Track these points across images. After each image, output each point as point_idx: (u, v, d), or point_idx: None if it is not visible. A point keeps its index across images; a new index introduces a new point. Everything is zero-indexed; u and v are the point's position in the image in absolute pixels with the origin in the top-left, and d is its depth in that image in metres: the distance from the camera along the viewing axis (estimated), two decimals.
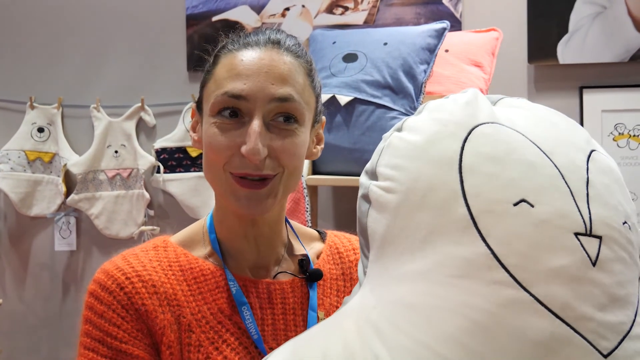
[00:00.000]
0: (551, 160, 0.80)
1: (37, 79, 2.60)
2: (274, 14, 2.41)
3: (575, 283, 0.75)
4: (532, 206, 0.76)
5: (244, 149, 0.93)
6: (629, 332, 0.78)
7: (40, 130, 2.54)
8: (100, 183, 2.51)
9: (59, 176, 2.53)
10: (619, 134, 2.26)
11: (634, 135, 2.24)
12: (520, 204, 0.76)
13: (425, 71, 2.00)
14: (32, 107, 2.54)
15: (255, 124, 0.93)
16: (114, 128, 2.51)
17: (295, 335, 1.00)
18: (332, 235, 1.15)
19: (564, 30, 2.24)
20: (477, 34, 2.22)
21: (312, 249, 1.11)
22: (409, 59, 1.99)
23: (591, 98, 2.28)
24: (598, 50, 2.24)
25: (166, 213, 2.55)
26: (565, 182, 0.79)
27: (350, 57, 2.04)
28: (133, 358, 0.96)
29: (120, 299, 0.98)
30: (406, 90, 1.97)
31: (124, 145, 2.51)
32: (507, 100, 0.91)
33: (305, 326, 1.04)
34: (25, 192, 2.53)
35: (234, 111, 0.96)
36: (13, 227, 2.62)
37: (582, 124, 2.26)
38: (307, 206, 2.00)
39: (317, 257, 1.10)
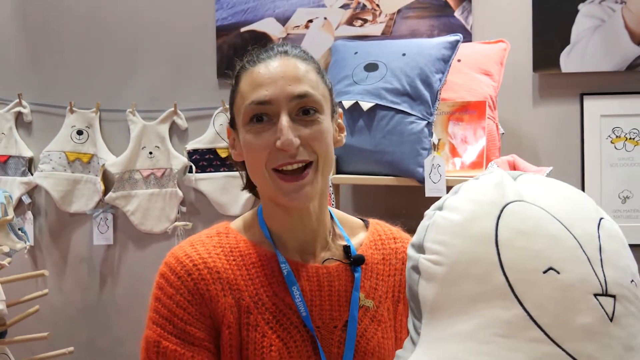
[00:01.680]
0: (571, 233, 0.88)
1: (77, 85, 2.64)
2: (298, 26, 2.46)
3: (597, 337, 0.84)
4: (559, 273, 0.85)
5: (278, 142, 1.02)
6: None
7: (80, 132, 2.60)
8: (136, 182, 2.57)
9: (97, 175, 2.59)
10: (616, 137, 2.32)
11: (630, 138, 2.30)
12: (548, 271, 0.85)
13: (440, 80, 2.10)
14: (72, 112, 2.60)
15: (284, 119, 1.03)
16: (149, 131, 2.56)
17: (339, 315, 1.10)
18: (375, 223, 1.23)
19: (566, 41, 2.29)
20: (487, 45, 2.29)
21: (356, 236, 1.19)
22: (425, 68, 2.08)
23: (591, 104, 2.33)
24: (597, 60, 2.29)
25: (197, 210, 2.60)
26: (584, 251, 0.87)
27: (371, 67, 2.13)
28: (195, 339, 1.05)
29: (188, 284, 1.06)
30: (423, 97, 2.06)
31: (158, 147, 2.57)
32: (525, 176, 0.99)
33: (348, 307, 1.11)
34: (65, 190, 2.59)
35: (259, 116, 1.06)
36: (53, 223, 2.67)
37: (582, 128, 2.33)
38: (333, 202, 2.10)
39: (361, 244, 1.17)
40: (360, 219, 1.24)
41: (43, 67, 2.67)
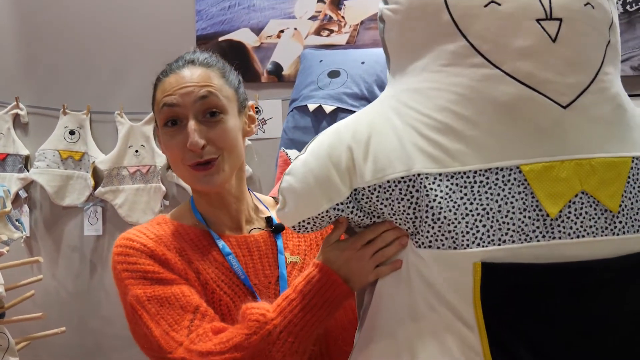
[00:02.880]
0: None
1: (69, 89, 2.70)
2: (271, 35, 2.56)
3: (537, 57, 0.87)
4: (499, 5, 0.89)
5: (188, 144, 1.12)
6: (587, 87, 0.89)
7: (72, 133, 2.66)
8: (123, 178, 2.63)
9: (87, 172, 2.66)
10: None
11: None
12: (489, 5, 0.89)
13: None
14: (65, 113, 2.66)
15: (191, 124, 1.13)
16: (135, 131, 2.63)
17: (270, 272, 1.19)
18: None
19: None
20: None
21: (272, 208, 1.30)
22: (382, 75, 2.16)
23: None
24: None
25: (179, 203, 2.46)
26: None
27: (334, 74, 2.21)
28: (170, 281, 1.11)
29: (146, 251, 1.13)
30: None
31: (144, 146, 2.63)
32: None
33: (277, 267, 1.21)
34: (58, 185, 2.64)
35: (174, 120, 1.15)
36: (48, 215, 2.73)
37: None
38: None
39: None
40: (272, 197, 1.36)
41: (38, 73, 2.73)
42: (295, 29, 2.57)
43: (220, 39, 2.59)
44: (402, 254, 0.97)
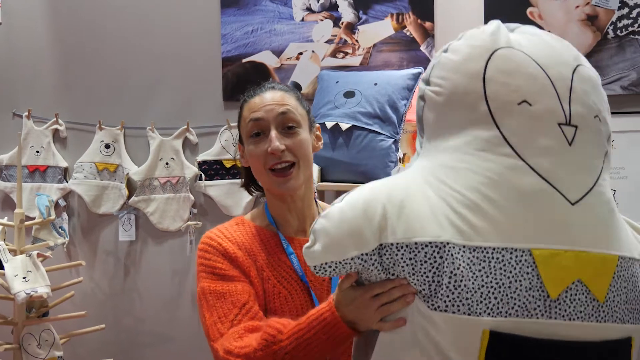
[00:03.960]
0: (546, 74, 0.97)
1: (105, 106, 2.79)
2: (290, 57, 2.64)
3: (556, 156, 0.94)
4: (531, 105, 0.95)
5: (269, 148, 1.30)
6: (590, 189, 0.96)
7: (107, 146, 2.75)
8: (155, 188, 2.70)
9: (122, 182, 2.73)
10: None
11: None
12: (522, 103, 0.95)
13: (405, 105, 2.28)
14: (101, 129, 2.75)
15: (273, 133, 1.32)
16: (165, 145, 2.70)
17: None
18: None
19: None
20: None
21: None
22: (393, 96, 2.27)
23: None
24: None
25: (206, 211, 2.74)
26: (555, 88, 0.96)
27: (349, 94, 2.30)
28: (233, 277, 1.30)
29: (220, 250, 1.33)
30: (391, 119, 2.24)
31: (173, 159, 2.70)
32: (522, 28, 1.07)
33: None
34: (95, 195, 2.74)
35: (258, 132, 1.33)
36: (85, 222, 2.83)
37: None
38: (317, 204, 2.21)
39: None
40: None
41: (76, 92, 2.82)
42: (313, 51, 2.64)
43: (244, 60, 2.68)
44: (407, 312, 0.99)
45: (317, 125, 1.45)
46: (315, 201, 1.45)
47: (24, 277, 2.27)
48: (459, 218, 0.94)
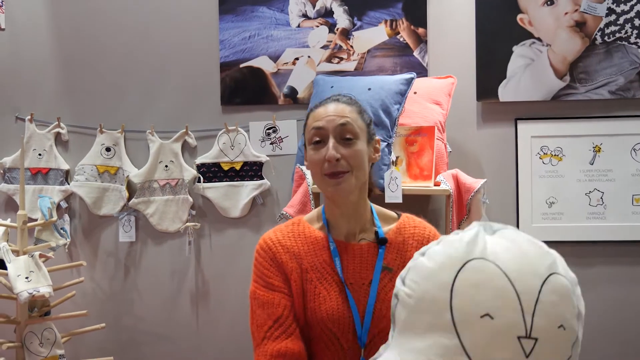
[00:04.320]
0: (514, 287, 0.98)
1: (105, 110, 2.79)
2: (287, 62, 2.65)
3: None
4: (492, 318, 0.96)
5: (326, 155, 1.40)
6: None
7: (108, 149, 2.75)
8: (154, 190, 2.70)
9: (122, 185, 2.73)
10: (544, 154, 2.52)
11: (555, 155, 2.51)
12: (485, 317, 0.96)
13: (398, 109, 2.31)
14: (101, 132, 2.75)
15: (331, 141, 1.41)
16: (165, 148, 2.70)
17: (365, 276, 1.40)
18: (405, 216, 1.53)
19: (503, 76, 2.49)
20: (438, 79, 2.49)
21: (389, 224, 1.50)
22: (386, 100, 2.30)
23: (523, 127, 2.51)
24: (528, 91, 2.49)
25: (204, 213, 2.75)
26: (520, 302, 0.97)
27: None
28: (276, 287, 1.41)
29: (269, 255, 1.44)
30: (384, 123, 2.27)
31: (172, 161, 2.70)
32: (503, 231, 1.08)
33: (373, 272, 1.41)
34: (96, 197, 2.74)
35: (318, 140, 1.42)
36: (86, 224, 2.82)
37: (517, 147, 2.51)
38: (312, 207, 2.26)
39: (389, 230, 1.47)
40: (396, 213, 1.55)
41: (78, 96, 2.82)
42: (309, 56, 2.66)
43: (242, 65, 2.70)
44: None
45: (378, 138, 1.52)
46: (372, 207, 1.52)
47: (27, 277, 2.27)
48: None
